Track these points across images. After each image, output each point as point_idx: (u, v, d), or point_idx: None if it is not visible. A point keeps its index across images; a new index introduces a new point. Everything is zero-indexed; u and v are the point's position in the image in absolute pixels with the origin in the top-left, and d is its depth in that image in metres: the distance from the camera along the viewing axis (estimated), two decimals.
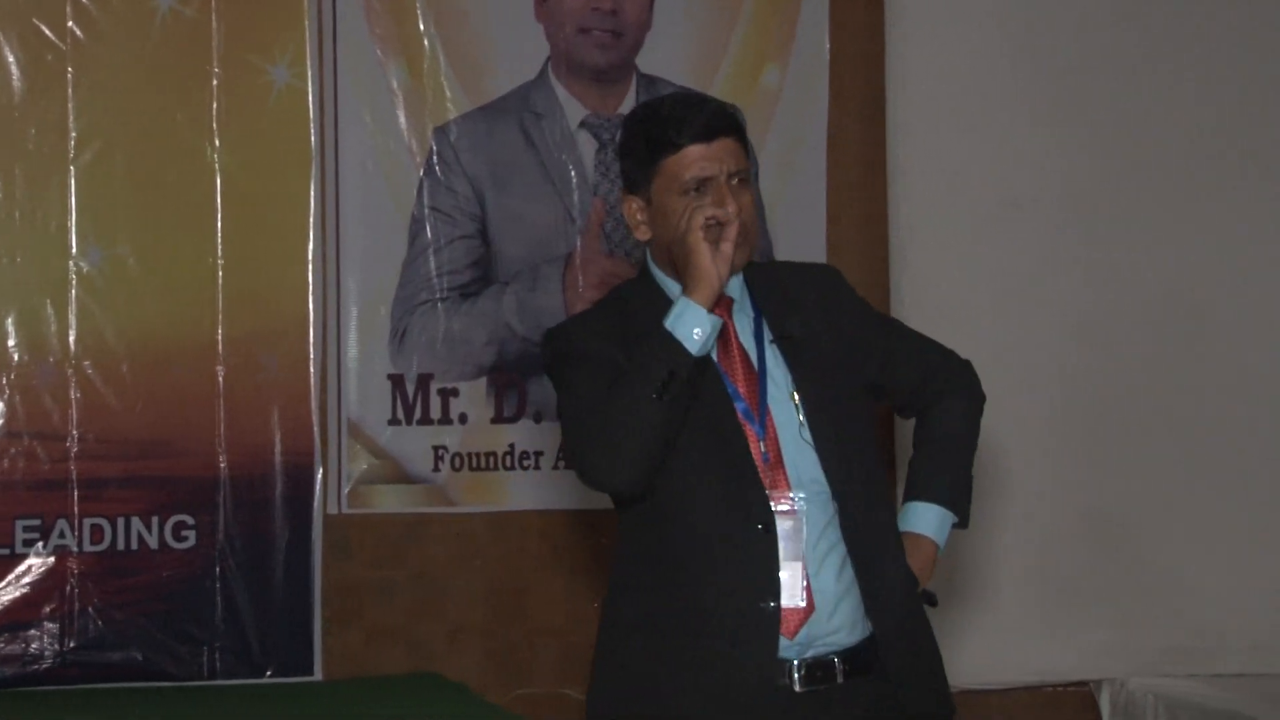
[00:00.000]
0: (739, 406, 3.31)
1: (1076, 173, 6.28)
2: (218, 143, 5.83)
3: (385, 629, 5.99)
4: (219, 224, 5.85)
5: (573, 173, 6.05)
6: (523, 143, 6.03)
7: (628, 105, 6.06)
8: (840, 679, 3.28)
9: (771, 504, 3.28)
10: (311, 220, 5.90)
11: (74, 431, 5.77)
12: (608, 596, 3.49)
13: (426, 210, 5.98)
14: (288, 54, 5.87)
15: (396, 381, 5.98)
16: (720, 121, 3.32)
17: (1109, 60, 6.27)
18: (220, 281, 5.85)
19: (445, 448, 6.01)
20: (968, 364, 3.66)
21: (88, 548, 5.76)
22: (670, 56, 6.11)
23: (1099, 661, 6.20)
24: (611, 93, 6.08)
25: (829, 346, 3.39)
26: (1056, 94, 6.23)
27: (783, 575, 3.26)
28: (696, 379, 3.18)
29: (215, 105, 5.82)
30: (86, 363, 5.77)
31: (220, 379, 5.84)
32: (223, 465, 5.84)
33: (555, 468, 6.05)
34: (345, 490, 5.95)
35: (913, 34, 6.14)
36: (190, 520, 5.81)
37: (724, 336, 3.34)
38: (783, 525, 3.28)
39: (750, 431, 3.31)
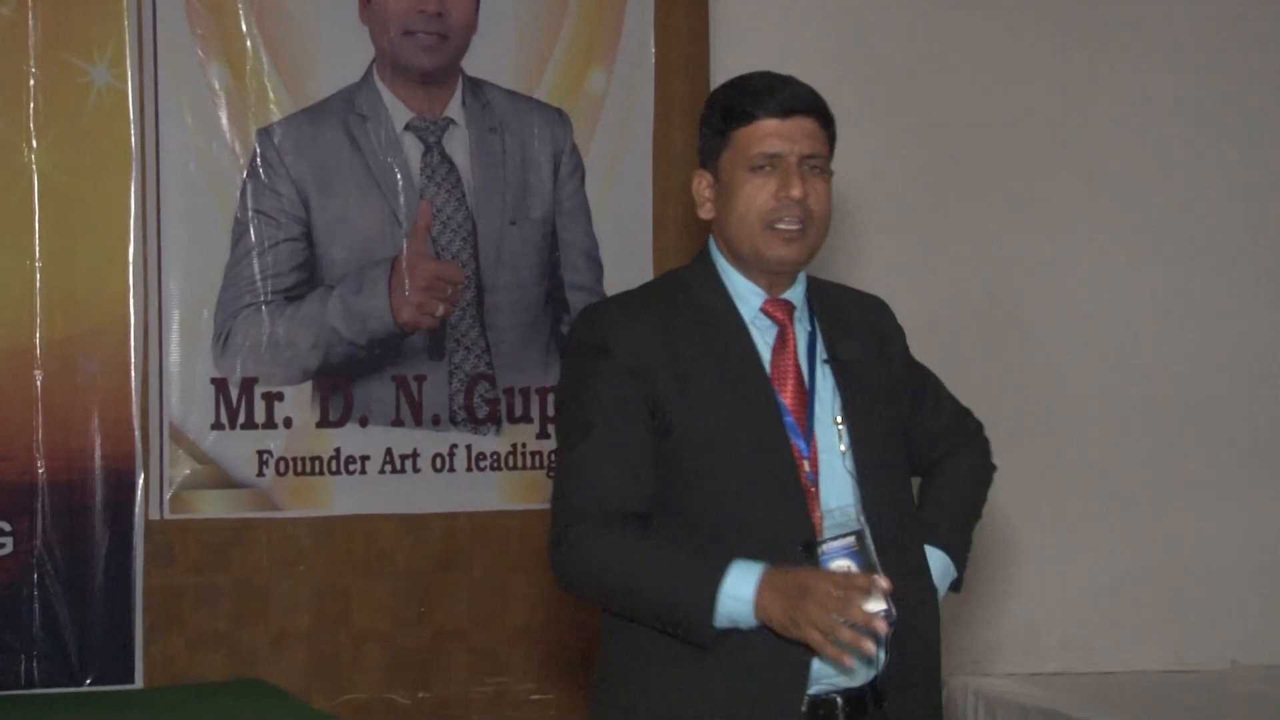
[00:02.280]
0: (786, 421, 3.14)
1: (901, 177, 6.37)
2: (35, 144, 5.74)
3: (207, 635, 5.94)
4: (37, 226, 5.76)
5: (398, 175, 6.02)
6: (348, 145, 6.00)
7: (453, 108, 6.05)
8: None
9: (815, 525, 3.09)
10: (132, 222, 5.83)
11: None
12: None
13: (250, 213, 5.93)
14: (107, 54, 5.80)
15: (220, 385, 5.92)
16: (800, 101, 3.17)
17: (933, 65, 6.36)
18: (39, 284, 5.76)
19: (269, 452, 5.96)
20: (982, 427, 3.55)
21: None
22: (496, 59, 6.11)
23: None
24: (437, 95, 6.07)
25: (875, 377, 3.25)
26: (880, 99, 6.31)
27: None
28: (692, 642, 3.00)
29: (33, 105, 5.74)
30: None
31: (38, 383, 5.76)
32: (41, 470, 5.75)
33: (381, 472, 6.03)
34: (167, 495, 5.88)
35: (737, 38, 6.18)
36: (7, 526, 5.71)
37: (782, 342, 3.20)
38: (840, 545, 3.08)
39: (796, 448, 3.14)
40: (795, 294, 3.24)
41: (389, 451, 6.03)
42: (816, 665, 3.07)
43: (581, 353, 3.17)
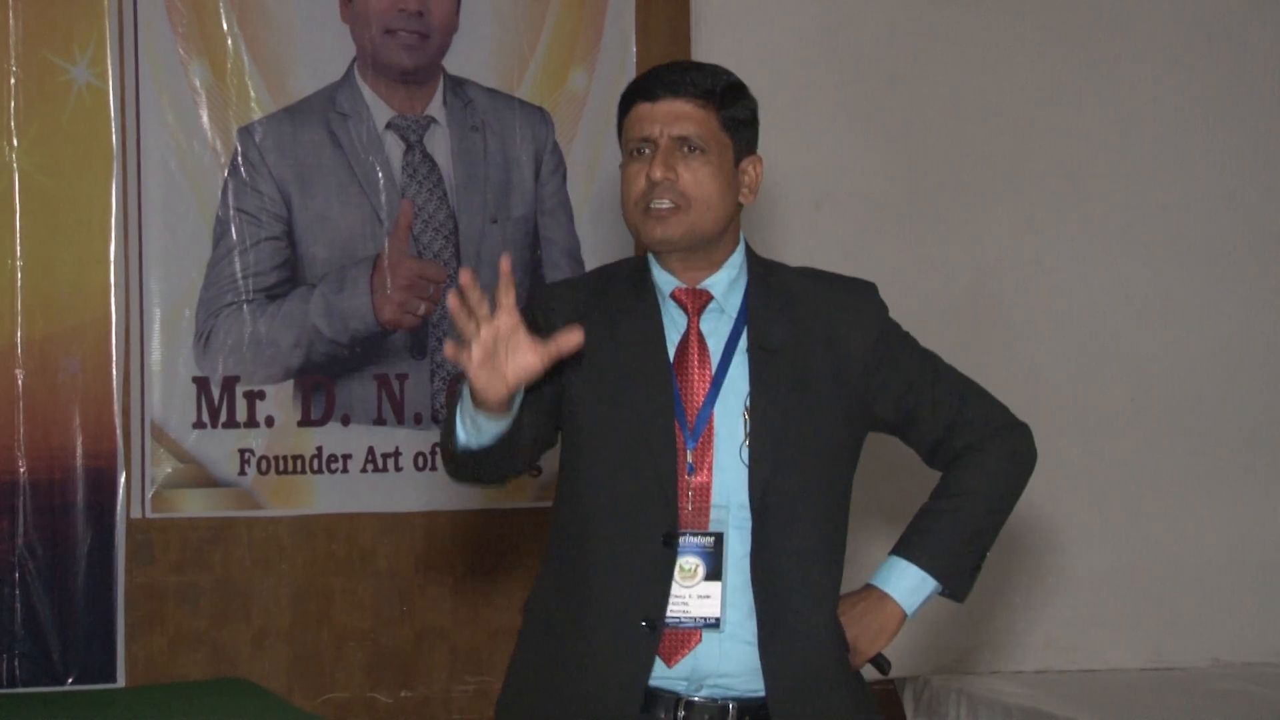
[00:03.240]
0: (676, 409, 3.11)
1: (881, 172, 6.37)
2: (16, 142, 5.74)
3: (189, 634, 5.93)
4: (18, 225, 5.75)
5: (380, 174, 6.02)
6: (329, 144, 6.00)
7: (434, 107, 6.05)
8: None
9: (682, 518, 3.07)
10: (113, 221, 5.82)
11: None
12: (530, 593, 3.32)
13: (232, 211, 5.93)
14: (88, 53, 5.79)
15: (201, 384, 5.92)
16: (671, 84, 3.16)
17: (913, 61, 6.37)
18: (19, 283, 5.75)
19: (251, 451, 5.96)
20: (1020, 425, 3.40)
21: None
22: (477, 58, 6.11)
23: (903, 660, 6.27)
24: (418, 94, 6.07)
25: (817, 366, 3.17)
26: (861, 95, 6.32)
27: (692, 595, 3.08)
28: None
29: (14, 104, 5.73)
30: None
31: (19, 381, 5.75)
32: (22, 469, 5.74)
33: (363, 471, 6.02)
34: (149, 494, 5.87)
35: (717, 37, 6.18)
36: None
37: (685, 337, 3.17)
38: (697, 542, 3.08)
39: (680, 438, 3.10)
40: (718, 281, 3.20)
41: (371, 450, 6.03)
42: (692, 661, 3.09)
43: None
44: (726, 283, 3.20)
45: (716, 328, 3.18)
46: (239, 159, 5.93)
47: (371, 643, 6.04)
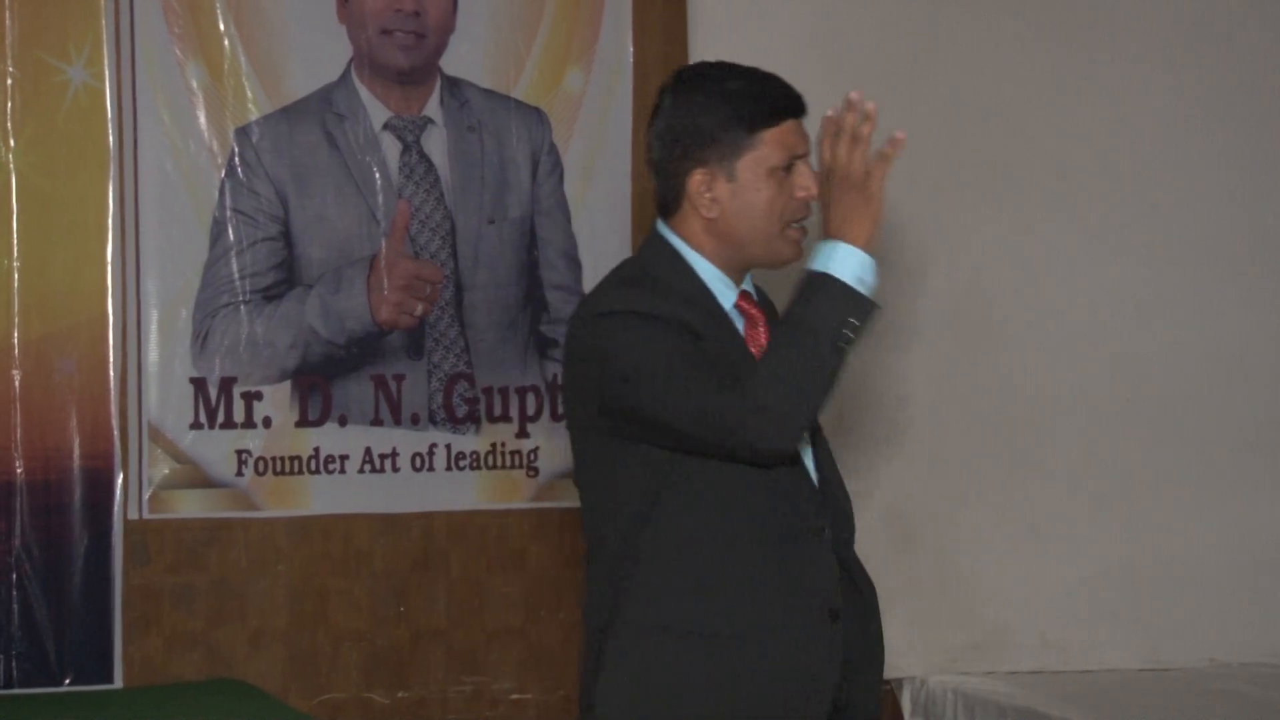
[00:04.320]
0: None
1: None
2: (12, 143, 5.73)
3: (186, 635, 5.93)
4: (14, 225, 5.74)
5: (377, 175, 6.02)
6: (326, 144, 5.99)
7: (431, 107, 6.05)
8: None
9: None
10: (110, 222, 5.82)
11: None
12: (618, 599, 3.23)
13: (228, 212, 5.92)
14: (84, 53, 5.79)
15: (198, 385, 5.91)
16: (803, 100, 3.26)
17: (909, 63, 6.36)
18: (16, 283, 5.75)
19: (248, 451, 5.96)
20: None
21: None
22: (474, 59, 6.11)
23: (899, 660, 6.27)
24: (415, 95, 6.07)
25: None
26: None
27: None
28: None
29: (9, 104, 5.72)
30: None
31: (16, 382, 5.74)
32: (19, 470, 5.74)
33: (360, 471, 6.02)
34: (146, 495, 5.87)
35: (715, 37, 6.18)
36: None
37: (756, 327, 3.24)
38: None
39: None
40: (748, 285, 3.29)
41: (368, 451, 6.03)
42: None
43: (610, 321, 3.10)
44: (752, 286, 3.32)
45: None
46: (235, 159, 5.92)
47: (368, 643, 6.04)
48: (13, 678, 5.72)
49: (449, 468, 6.09)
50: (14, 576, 5.73)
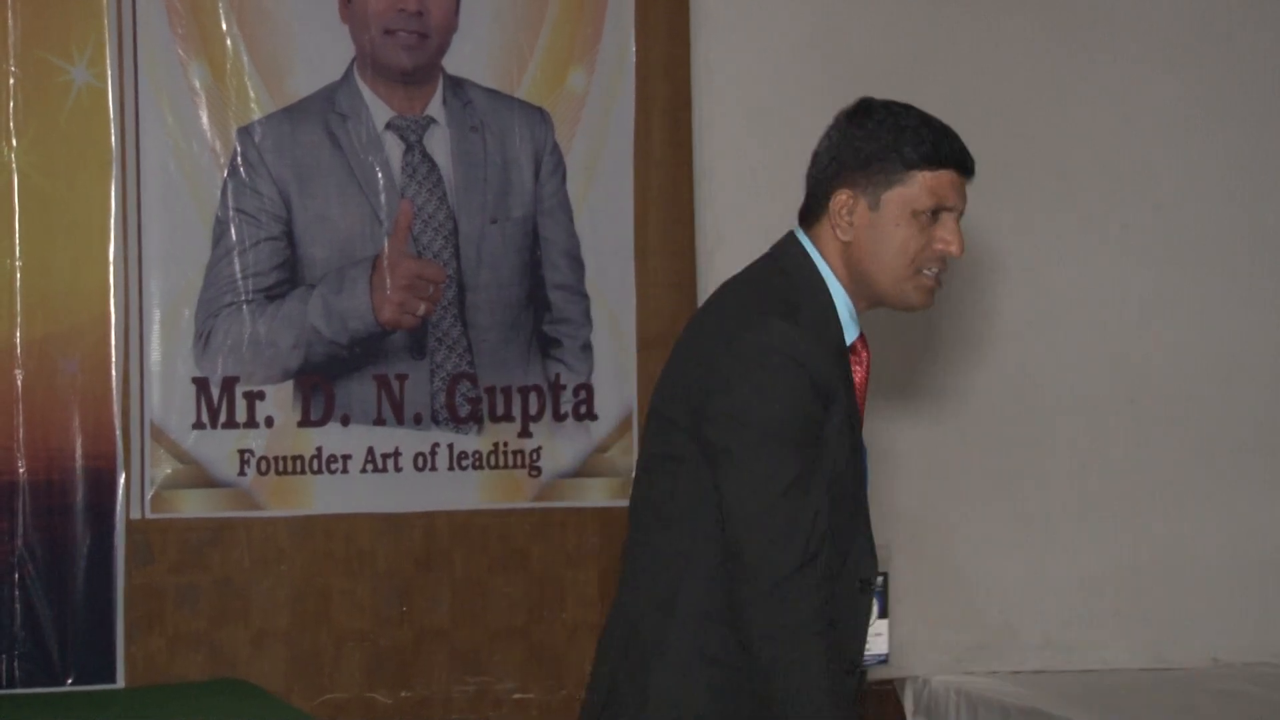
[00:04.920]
0: (862, 457, 3.16)
1: None
2: (15, 142, 5.74)
3: (188, 635, 5.93)
4: (17, 225, 5.75)
5: (379, 174, 6.02)
6: (328, 144, 5.99)
7: (434, 107, 6.05)
8: None
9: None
10: (112, 221, 5.83)
11: None
12: (658, 619, 3.13)
13: (231, 212, 5.93)
14: (87, 53, 5.79)
15: (201, 385, 5.91)
16: (972, 161, 3.21)
17: (910, 63, 6.36)
18: (19, 283, 5.75)
19: (251, 451, 5.96)
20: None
21: None
22: (476, 58, 6.10)
23: (902, 660, 6.27)
24: (418, 94, 6.06)
25: None
26: (857, 97, 6.30)
27: (871, 633, 3.18)
28: None
29: (12, 104, 5.73)
30: None
31: (19, 382, 5.75)
32: (21, 470, 5.74)
33: (362, 471, 6.02)
34: (148, 495, 5.87)
35: (718, 36, 6.19)
36: None
37: (859, 361, 3.21)
38: (879, 582, 3.19)
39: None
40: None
41: (370, 450, 6.03)
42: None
43: (773, 362, 3.03)
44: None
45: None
46: (238, 159, 5.92)
47: (370, 643, 6.04)
48: (15, 677, 5.72)
49: (451, 467, 6.09)
50: (16, 576, 5.73)
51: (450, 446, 6.09)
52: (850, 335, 3.19)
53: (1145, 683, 6.35)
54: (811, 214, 3.24)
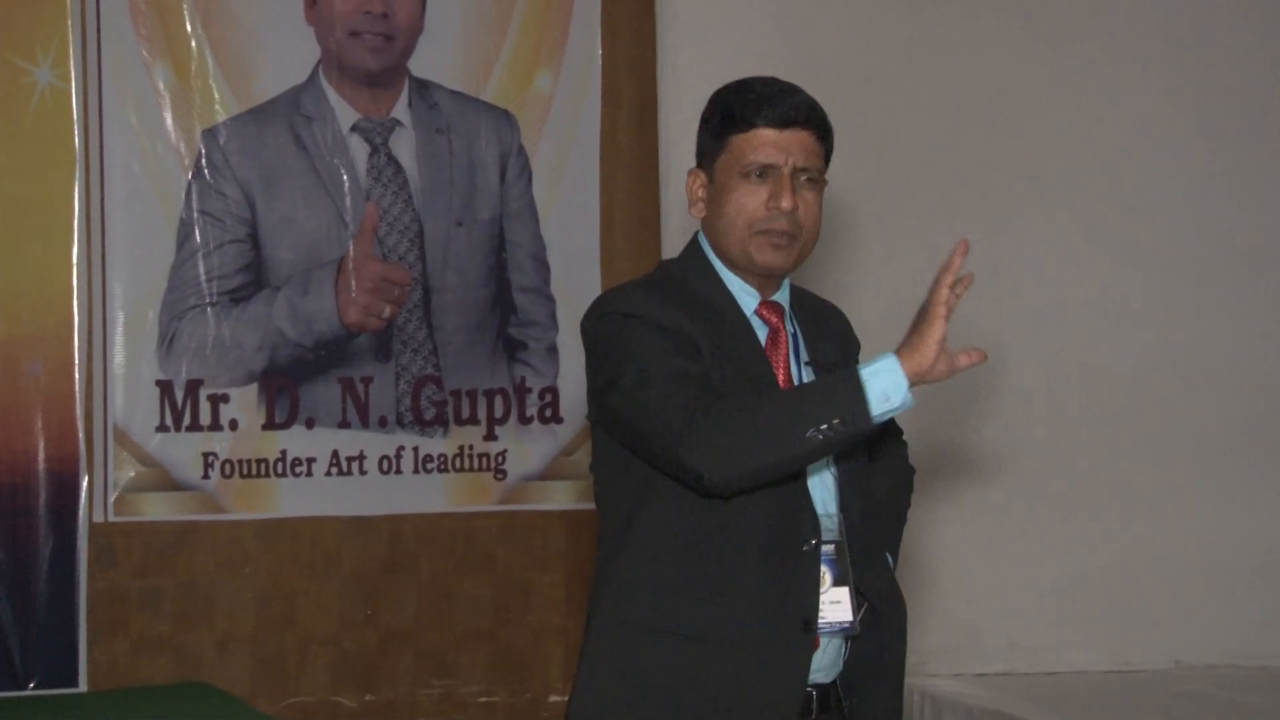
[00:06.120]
0: None
1: (848, 177, 6.36)
2: None
3: (152, 638, 5.91)
4: None
5: (345, 177, 6.01)
6: (294, 146, 5.98)
7: (399, 109, 6.04)
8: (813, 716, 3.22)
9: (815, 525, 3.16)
10: (76, 223, 5.81)
11: None
12: (602, 592, 3.21)
13: (195, 214, 5.91)
14: (51, 54, 5.77)
15: (165, 387, 5.90)
16: (799, 112, 3.23)
17: (881, 63, 6.37)
18: None
19: (215, 454, 5.94)
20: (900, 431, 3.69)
21: None
22: (443, 60, 6.10)
23: None
24: (383, 96, 6.06)
25: None
26: (828, 97, 6.26)
27: (825, 600, 3.16)
28: (858, 439, 3.03)
29: None
30: None
31: None
32: None
33: (328, 474, 6.01)
34: (111, 498, 5.85)
35: (684, 39, 6.19)
36: None
37: (774, 343, 3.25)
38: (828, 550, 3.18)
39: None
40: (783, 297, 3.30)
41: (335, 453, 6.02)
42: (816, 659, 3.18)
43: (625, 330, 3.11)
44: (787, 298, 3.32)
45: (789, 341, 3.29)
46: (203, 161, 5.91)
47: (336, 646, 6.03)
48: None
49: (417, 470, 6.08)
50: None
51: (416, 449, 6.08)
52: (747, 306, 3.24)
53: (1109, 685, 6.36)
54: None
